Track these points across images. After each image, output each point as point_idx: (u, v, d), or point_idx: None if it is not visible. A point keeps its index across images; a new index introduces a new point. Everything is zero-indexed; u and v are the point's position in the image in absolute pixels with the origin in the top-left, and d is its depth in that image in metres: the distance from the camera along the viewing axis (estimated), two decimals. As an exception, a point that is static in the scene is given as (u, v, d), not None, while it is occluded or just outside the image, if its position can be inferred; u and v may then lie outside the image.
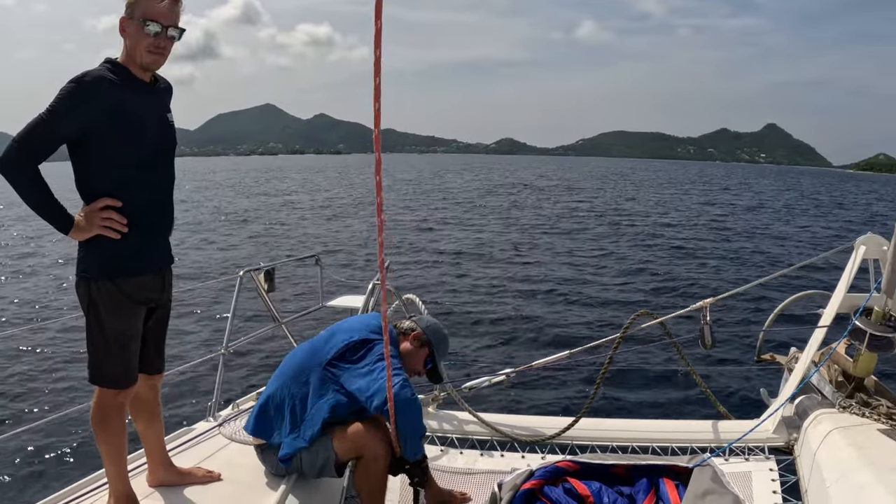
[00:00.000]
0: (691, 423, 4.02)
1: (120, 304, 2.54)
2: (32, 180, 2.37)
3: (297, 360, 3.14)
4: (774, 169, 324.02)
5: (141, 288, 2.61)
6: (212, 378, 4.15)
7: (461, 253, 19.43)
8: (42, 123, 2.33)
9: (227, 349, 4.14)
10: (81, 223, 2.45)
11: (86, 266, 2.53)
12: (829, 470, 2.88)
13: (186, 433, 3.63)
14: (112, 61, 2.51)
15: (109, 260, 2.51)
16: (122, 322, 2.57)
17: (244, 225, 27.98)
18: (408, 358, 3.19)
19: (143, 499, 2.81)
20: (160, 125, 2.63)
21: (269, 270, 4.59)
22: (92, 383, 2.63)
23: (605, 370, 4.02)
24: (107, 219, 2.45)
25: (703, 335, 3.87)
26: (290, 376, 3.09)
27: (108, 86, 2.40)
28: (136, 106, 2.49)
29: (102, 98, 2.38)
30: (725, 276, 15.66)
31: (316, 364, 3.03)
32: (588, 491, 2.80)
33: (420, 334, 3.24)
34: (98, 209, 2.45)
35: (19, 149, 2.32)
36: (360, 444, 2.88)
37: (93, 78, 2.39)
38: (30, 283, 15.68)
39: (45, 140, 2.34)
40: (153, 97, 2.61)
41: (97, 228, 2.45)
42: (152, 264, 2.67)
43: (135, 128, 2.47)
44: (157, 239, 2.70)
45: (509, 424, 4.06)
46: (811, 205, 43.16)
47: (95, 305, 2.53)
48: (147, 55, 2.49)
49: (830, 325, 3.89)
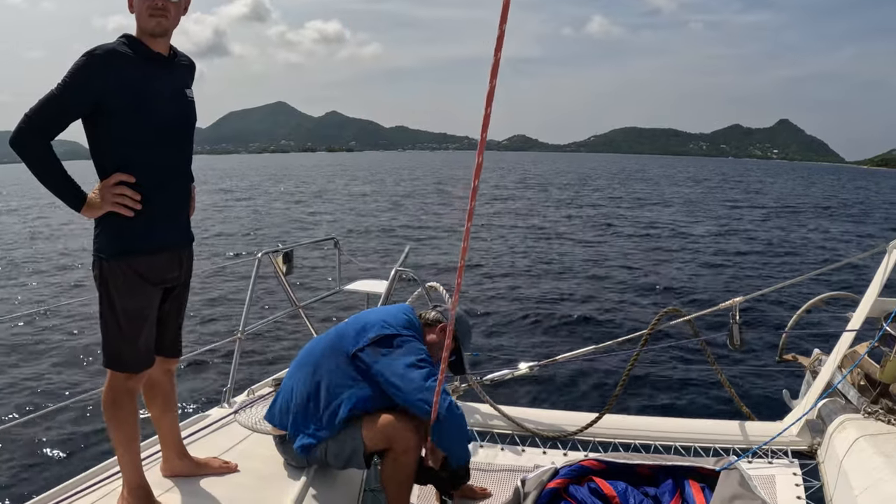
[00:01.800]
0: (715, 424, 3.97)
1: (133, 284, 2.49)
2: (44, 156, 2.33)
3: (321, 349, 3.06)
4: (788, 165, 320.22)
5: (156, 268, 2.55)
6: (227, 363, 4.10)
7: (486, 244, 19.37)
8: (53, 99, 2.29)
9: (244, 333, 4.07)
10: (94, 200, 2.41)
11: (100, 245, 2.49)
12: (858, 478, 2.85)
13: (201, 420, 3.58)
14: (128, 36, 2.47)
15: (122, 239, 2.46)
16: (135, 303, 2.51)
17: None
18: (433, 349, 3.14)
19: (158, 490, 2.75)
20: (176, 100, 2.57)
21: (287, 252, 4.51)
22: (105, 367, 2.58)
23: (631, 367, 3.98)
24: (119, 195, 2.40)
25: (731, 334, 3.82)
26: (314, 365, 3.01)
27: (120, 59, 2.36)
28: (150, 80, 2.44)
29: (114, 71, 2.33)
30: (754, 276, 15.49)
31: (343, 354, 2.95)
32: (614, 491, 2.78)
33: (447, 326, 3.21)
34: (111, 185, 2.40)
35: (30, 125, 2.28)
36: (390, 435, 2.81)
37: (104, 51, 2.33)
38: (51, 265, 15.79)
39: (56, 115, 2.30)
40: (169, 72, 2.56)
41: (109, 205, 2.40)
42: (167, 243, 2.60)
43: (148, 101, 2.42)
44: (173, 217, 2.63)
45: (531, 419, 4.02)
46: (836, 203, 42.63)
47: (108, 285, 2.48)
48: (149, 19, 2.43)
49: (859, 329, 3.84)
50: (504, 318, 10.98)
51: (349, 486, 3.21)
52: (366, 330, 2.99)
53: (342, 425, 2.88)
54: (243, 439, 3.36)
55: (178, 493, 2.80)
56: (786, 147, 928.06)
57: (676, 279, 14.97)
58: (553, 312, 11.47)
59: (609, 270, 15.66)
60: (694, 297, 12.78)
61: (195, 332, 9.07)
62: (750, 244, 21.12)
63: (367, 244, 18.89)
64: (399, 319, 3.09)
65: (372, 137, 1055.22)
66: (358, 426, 2.86)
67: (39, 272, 15.15)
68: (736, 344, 3.82)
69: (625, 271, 15.59)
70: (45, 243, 19.83)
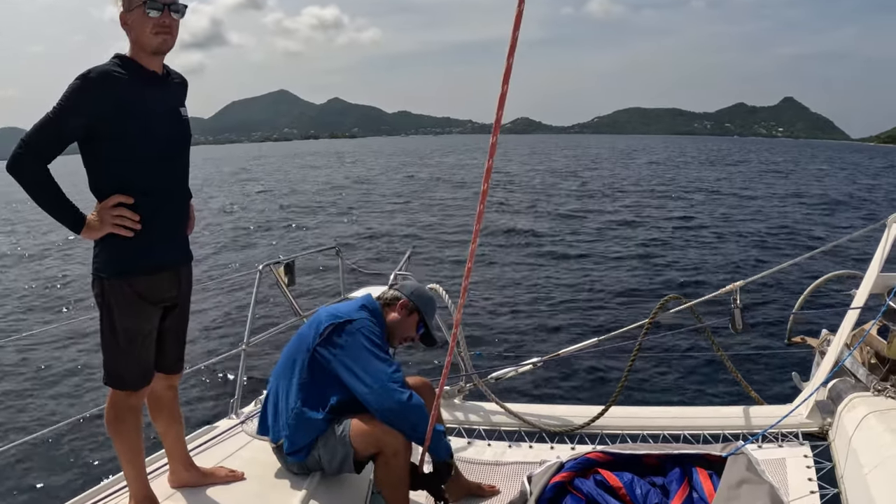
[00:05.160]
0: (723, 410, 3.95)
1: (133, 303, 2.51)
2: (42, 181, 2.33)
3: (287, 352, 3.09)
4: (793, 143, 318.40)
5: (155, 287, 2.57)
6: (233, 374, 4.12)
7: (485, 238, 19.34)
8: (49, 123, 2.29)
9: (248, 345, 4.10)
10: (93, 222, 2.42)
11: (99, 265, 2.50)
12: (867, 456, 2.82)
13: (209, 431, 3.59)
14: (120, 56, 2.47)
15: (122, 258, 2.48)
16: (135, 322, 2.54)
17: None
18: (399, 327, 3.15)
19: (165, 500, 2.78)
20: (171, 119, 2.58)
21: (288, 263, 4.53)
22: (106, 384, 2.60)
23: (634, 357, 3.96)
24: (118, 216, 2.41)
25: (733, 319, 3.80)
26: (282, 368, 3.06)
27: (114, 80, 2.36)
28: (146, 100, 2.44)
29: (109, 93, 2.34)
30: (754, 259, 15.42)
31: (304, 350, 2.97)
32: (620, 483, 2.75)
33: (406, 302, 3.17)
34: (110, 207, 2.41)
35: (27, 150, 2.29)
36: (378, 438, 2.82)
37: (98, 73, 2.34)
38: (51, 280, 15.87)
39: (53, 140, 2.31)
40: (164, 91, 2.57)
41: (109, 227, 2.41)
42: (166, 262, 2.62)
43: (144, 122, 2.43)
44: (172, 236, 2.65)
45: (537, 414, 4.02)
46: (840, 181, 42.33)
47: (109, 305, 2.49)
48: (154, 38, 2.44)
49: (863, 306, 3.81)
50: (505, 316, 10.95)
51: (355, 491, 3.20)
52: (319, 324, 3.00)
53: (325, 428, 2.90)
54: (250, 448, 3.37)
55: (183, 502, 2.83)
56: (791, 125, 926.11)
57: (677, 265, 14.93)
58: (553, 307, 11.45)
59: (608, 260, 15.62)
60: (696, 283, 12.74)
61: (201, 344, 9.10)
62: (752, 226, 21.05)
63: (372, 247, 18.88)
64: (351, 307, 3.11)
65: (375, 123, 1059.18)
66: (347, 432, 2.87)
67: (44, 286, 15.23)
68: (738, 328, 3.80)
69: (624, 261, 15.55)
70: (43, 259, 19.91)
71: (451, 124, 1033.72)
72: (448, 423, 3.95)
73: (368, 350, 2.89)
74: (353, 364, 2.87)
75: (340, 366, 2.89)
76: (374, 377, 2.83)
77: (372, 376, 2.84)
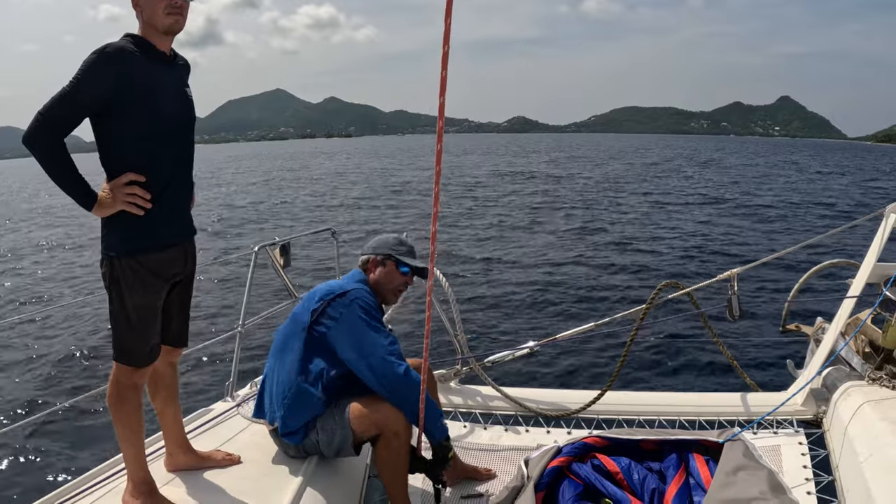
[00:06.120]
0: (719, 396, 3.97)
1: (143, 280, 2.53)
2: (56, 154, 2.35)
3: (282, 332, 3.09)
4: (789, 142, 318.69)
5: (165, 263, 2.60)
6: (229, 357, 4.10)
7: (484, 226, 19.35)
8: (66, 96, 2.31)
9: (244, 327, 4.09)
10: (105, 199, 2.44)
11: (109, 243, 2.51)
12: (862, 444, 2.85)
13: (205, 414, 3.59)
14: (133, 35, 2.50)
15: (132, 236, 2.49)
16: (145, 299, 2.56)
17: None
18: (382, 283, 3.14)
19: (163, 484, 2.77)
20: (180, 97, 2.62)
21: (284, 245, 4.51)
22: (115, 360, 2.62)
23: (631, 342, 3.97)
24: (131, 194, 2.44)
25: (730, 306, 3.82)
26: (277, 349, 3.05)
27: (129, 57, 2.39)
28: (158, 78, 2.48)
29: (125, 68, 2.36)
30: (751, 246, 15.49)
31: (299, 329, 2.96)
32: (617, 467, 2.77)
33: (373, 258, 3.18)
34: (122, 184, 2.44)
35: (43, 122, 2.30)
36: (378, 420, 2.81)
37: (115, 49, 2.36)
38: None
39: (69, 112, 2.32)
40: (173, 71, 2.61)
41: (121, 204, 2.43)
42: (176, 239, 2.66)
43: (155, 100, 2.46)
44: (179, 213, 2.68)
45: (534, 399, 4.03)
46: (837, 174, 42.42)
47: (118, 283, 2.51)
48: (167, 17, 2.47)
49: (859, 295, 3.82)
50: (503, 300, 10.98)
51: (352, 474, 3.21)
52: (313, 301, 2.99)
53: (322, 408, 2.90)
54: (247, 431, 3.37)
55: (182, 487, 2.82)
56: (787, 124, 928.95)
57: (675, 251, 14.99)
58: (551, 292, 11.48)
59: (606, 247, 15.65)
60: (694, 269, 12.78)
61: (196, 326, 8.92)
62: (747, 215, 21.11)
63: (366, 230, 18.85)
64: (343, 281, 3.13)
65: (371, 122, 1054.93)
66: (346, 414, 2.87)
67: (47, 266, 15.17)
68: (735, 315, 3.81)
69: (622, 247, 15.59)
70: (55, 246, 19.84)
71: (447, 123, 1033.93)
72: (444, 407, 3.95)
73: (364, 321, 2.89)
74: (350, 336, 2.87)
75: (337, 338, 2.88)
76: (370, 349, 2.83)
77: (368, 348, 2.84)
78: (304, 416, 2.91)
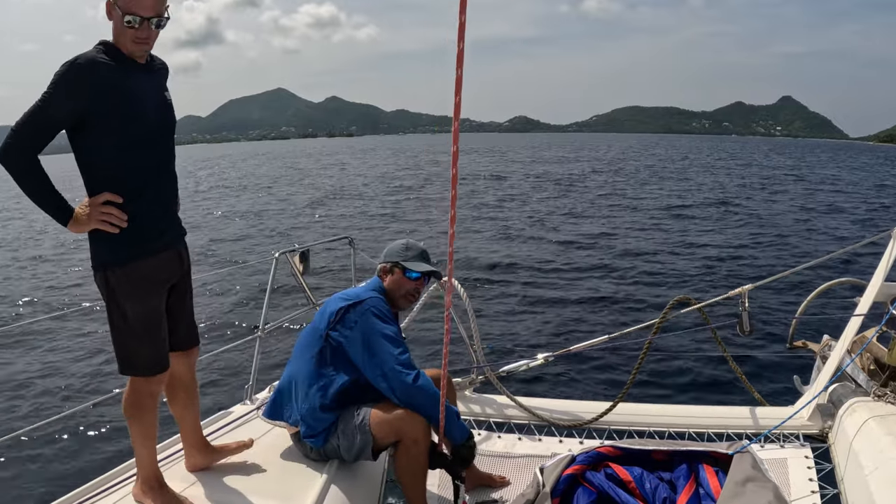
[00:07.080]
0: (727, 410, 4.04)
1: (140, 287, 2.51)
2: (31, 170, 2.32)
3: (302, 338, 3.18)
4: (791, 142, 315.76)
5: (160, 268, 2.59)
6: (248, 361, 4.14)
7: (501, 234, 19.35)
8: (39, 111, 2.28)
9: (264, 331, 4.14)
10: (81, 216, 2.41)
11: (100, 255, 2.50)
12: (867, 458, 2.92)
13: (223, 417, 3.63)
14: (106, 43, 2.45)
15: (124, 245, 2.47)
16: (145, 306, 2.54)
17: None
18: (393, 290, 3.22)
19: (183, 484, 2.82)
20: (157, 103, 2.58)
21: (304, 252, 4.57)
22: (122, 374, 2.60)
23: (644, 355, 4.05)
24: (106, 213, 2.41)
25: (741, 322, 3.87)
26: (297, 355, 3.14)
27: (101, 67, 2.35)
28: (133, 86, 2.43)
29: (97, 79, 2.32)
30: (762, 263, 15.45)
31: (317, 336, 3.05)
32: (630, 476, 2.85)
33: (384, 266, 3.26)
34: (99, 203, 2.41)
35: (17, 138, 2.28)
36: (398, 427, 2.88)
37: (86, 60, 2.33)
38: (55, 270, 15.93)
39: (43, 128, 2.30)
40: (149, 76, 2.56)
41: (95, 223, 2.41)
42: (167, 243, 2.64)
43: (132, 107, 2.42)
44: (167, 216, 2.67)
45: (547, 408, 4.11)
46: (850, 186, 42.08)
47: (115, 293, 2.49)
48: (133, 45, 2.44)
49: (865, 313, 3.90)
50: (518, 311, 11.00)
51: (372, 476, 3.27)
52: (331, 309, 3.09)
53: (342, 413, 2.99)
54: (266, 433, 3.41)
55: (204, 488, 2.86)
56: (789, 124, 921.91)
57: (687, 262, 14.96)
58: (565, 304, 11.48)
59: (622, 259, 15.63)
60: (705, 285, 12.79)
61: (216, 330, 9.13)
62: (758, 231, 21.05)
63: (384, 239, 18.86)
64: (359, 289, 3.22)
65: (373, 122, 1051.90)
66: (367, 420, 2.94)
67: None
68: (745, 331, 3.88)
69: (635, 260, 15.53)
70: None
71: (449, 122, 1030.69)
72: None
73: (378, 330, 2.97)
74: (363, 346, 2.96)
75: (351, 347, 2.98)
76: (381, 358, 2.92)
77: (379, 357, 2.93)
78: (325, 420, 2.99)
